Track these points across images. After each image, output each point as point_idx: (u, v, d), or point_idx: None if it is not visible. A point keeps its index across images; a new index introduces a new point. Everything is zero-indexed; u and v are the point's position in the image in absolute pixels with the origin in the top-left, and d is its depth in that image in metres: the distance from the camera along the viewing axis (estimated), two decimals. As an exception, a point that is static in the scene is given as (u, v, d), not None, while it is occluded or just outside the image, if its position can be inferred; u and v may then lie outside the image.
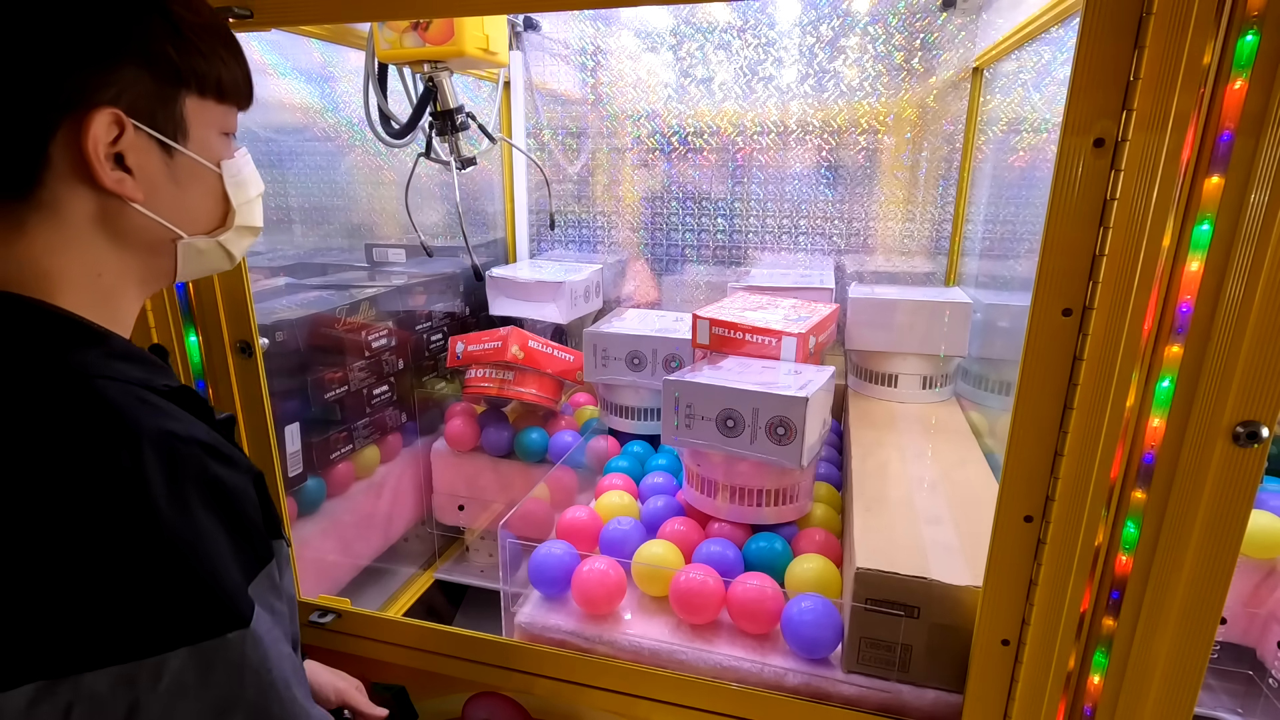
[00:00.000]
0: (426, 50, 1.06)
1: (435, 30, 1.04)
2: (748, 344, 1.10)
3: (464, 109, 1.20)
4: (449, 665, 0.95)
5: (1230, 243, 0.54)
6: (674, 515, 1.04)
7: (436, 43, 1.05)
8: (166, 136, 0.52)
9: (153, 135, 0.51)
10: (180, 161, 0.54)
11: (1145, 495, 0.61)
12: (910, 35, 1.35)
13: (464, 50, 1.06)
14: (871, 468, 1.03)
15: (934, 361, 1.27)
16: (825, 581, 0.88)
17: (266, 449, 0.95)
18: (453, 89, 1.17)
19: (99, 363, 0.49)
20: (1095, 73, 0.54)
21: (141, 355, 0.54)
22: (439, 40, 1.05)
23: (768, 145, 1.48)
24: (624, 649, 0.89)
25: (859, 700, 0.81)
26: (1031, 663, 0.68)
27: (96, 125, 0.48)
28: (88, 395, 0.45)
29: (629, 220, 1.63)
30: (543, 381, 1.38)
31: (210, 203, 0.58)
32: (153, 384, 0.50)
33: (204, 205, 0.57)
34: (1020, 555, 0.66)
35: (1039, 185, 0.94)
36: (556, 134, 1.62)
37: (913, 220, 1.46)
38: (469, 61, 1.11)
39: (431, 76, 1.13)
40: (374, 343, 1.31)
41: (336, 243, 1.39)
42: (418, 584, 1.45)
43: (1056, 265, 0.59)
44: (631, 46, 1.51)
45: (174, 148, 0.53)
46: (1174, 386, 0.58)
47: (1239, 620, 0.93)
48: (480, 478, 1.42)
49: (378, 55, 1.10)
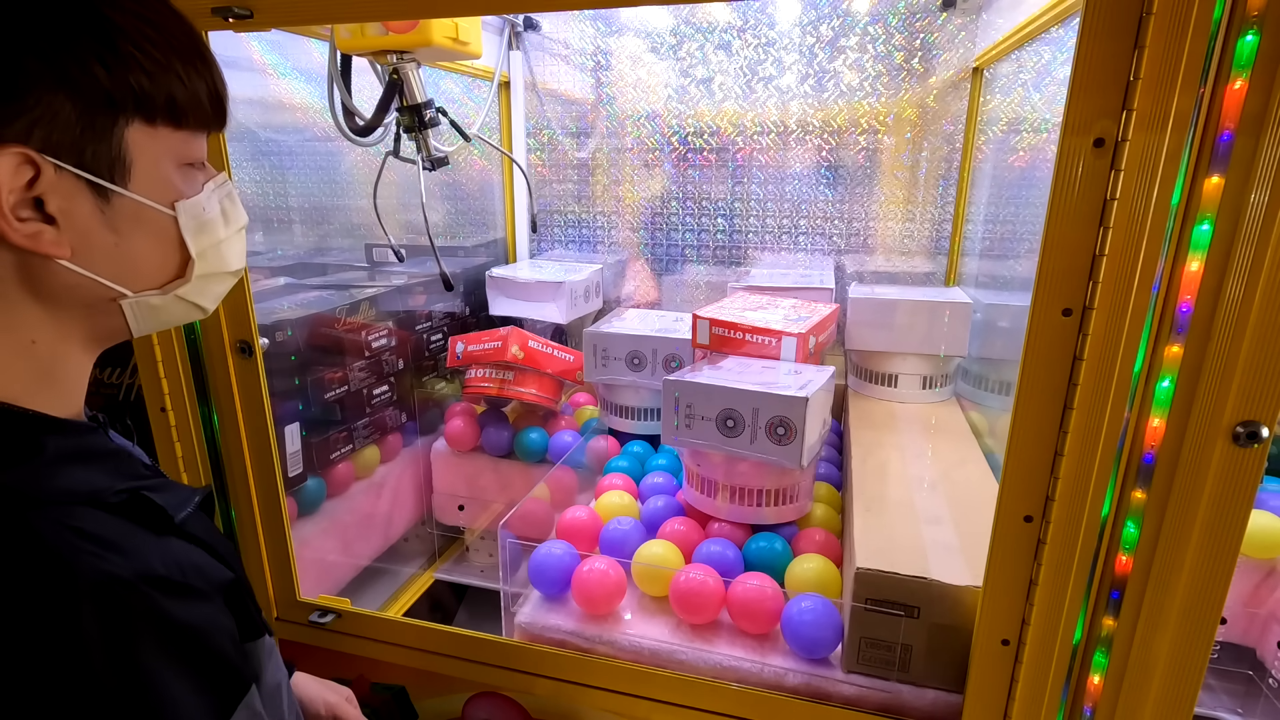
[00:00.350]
0: (390, 40, 0.98)
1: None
2: (748, 344, 1.10)
3: (433, 104, 1.10)
4: (449, 665, 0.95)
5: (1230, 243, 0.54)
6: (674, 515, 1.04)
7: (400, 31, 0.97)
8: (99, 176, 0.43)
9: (80, 175, 0.42)
10: (119, 205, 0.44)
11: (1145, 495, 0.61)
12: (910, 35, 1.35)
13: (431, 39, 0.97)
14: (871, 468, 1.03)
15: (934, 361, 1.27)
16: (825, 581, 0.88)
17: (266, 449, 0.95)
18: (420, 82, 1.07)
19: (32, 481, 0.41)
20: (1095, 73, 0.54)
21: (90, 450, 0.45)
22: (403, 29, 0.96)
23: (768, 145, 1.48)
24: (624, 649, 0.89)
25: (859, 700, 0.81)
26: (1031, 663, 0.68)
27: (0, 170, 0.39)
28: (16, 537, 0.38)
29: (629, 220, 1.63)
30: (543, 381, 1.38)
31: (162, 252, 0.48)
32: (100, 496, 0.42)
33: (153, 255, 0.47)
34: (1020, 555, 0.66)
35: (1039, 185, 0.94)
36: (556, 134, 1.62)
37: (913, 220, 1.46)
38: (437, 52, 1.03)
39: (396, 69, 1.04)
40: (374, 343, 1.31)
41: (336, 243, 1.39)
42: (418, 584, 1.45)
43: (1056, 265, 0.59)
44: (632, 47, 1.51)
45: (109, 189, 0.43)
46: (1174, 386, 0.58)
47: (1239, 620, 0.93)
48: (480, 478, 1.42)
49: (338, 46, 1.02)
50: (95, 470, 0.44)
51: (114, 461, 0.46)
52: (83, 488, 0.42)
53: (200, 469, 0.95)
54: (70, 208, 0.42)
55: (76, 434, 0.45)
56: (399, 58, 1.03)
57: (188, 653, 0.41)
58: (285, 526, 0.97)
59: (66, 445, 0.44)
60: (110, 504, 0.43)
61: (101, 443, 0.47)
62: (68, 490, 0.42)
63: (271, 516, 0.97)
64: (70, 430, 0.45)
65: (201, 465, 0.95)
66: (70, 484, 0.42)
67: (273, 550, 0.99)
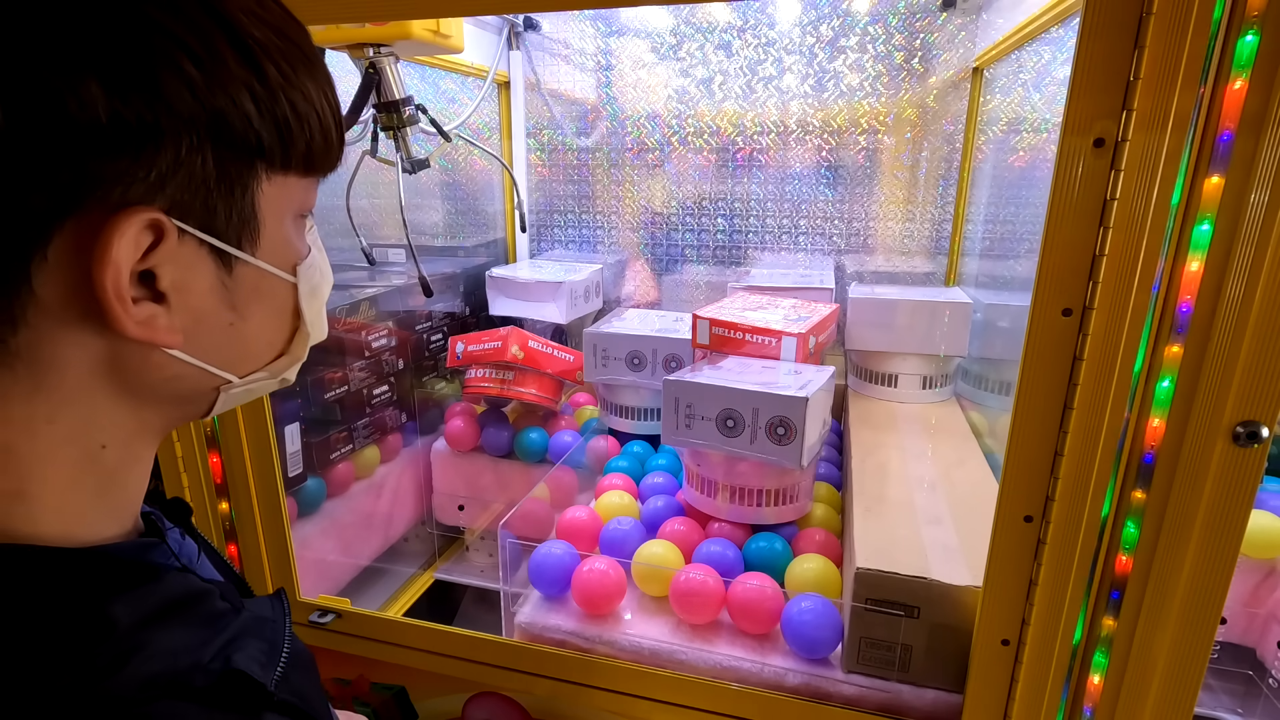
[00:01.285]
0: (367, 32, 0.92)
1: (374, 11, 0.99)
2: (748, 344, 1.10)
3: (413, 100, 1.05)
4: (449, 665, 0.95)
5: (1230, 243, 0.54)
6: (674, 515, 1.04)
7: (377, 23, 0.91)
8: (227, 241, 0.33)
9: (205, 241, 0.33)
10: (243, 276, 0.35)
11: (1145, 495, 0.61)
12: (910, 35, 1.35)
13: (409, 32, 0.93)
14: (871, 468, 1.03)
15: (934, 361, 1.27)
16: (825, 581, 0.88)
17: (266, 449, 0.95)
18: (399, 78, 1.01)
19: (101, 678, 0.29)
20: (1095, 73, 0.54)
21: (166, 602, 0.34)
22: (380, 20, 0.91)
23: (768, 145, 1.48)
24: (624, 649, 0.89)
25: (859, 700, 0.81)
26: (1031, 663, 0.68)
27: (120, 240, 0.29)
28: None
29: (629, 220, 1.63)
30: (543, 381, 1.38)
31: (276, 326, 0.39)
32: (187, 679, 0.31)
33: (265, 332, 0.39)
34: (1020, 555, 0.66)
35: (1039, 185, 0.94)
36: (556, 134, 1.62)
37: (913, 220, 1.46)
38: (416, 46, 0.98)
39: (373, 63, 0.97)
40: (374, 343, 1.31)
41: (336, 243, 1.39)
42: (418, 584, 1.45)
43: (1056, 265, 0.59)
44: (632, 47, 1.51)
45: (235, 258, 0.34)
46: (1174, 386, 0.58)
47: (1239, 620, 0.93)
48: (480, 478, 1.42)
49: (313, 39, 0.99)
50: (176, 632, 0.33)
51: (198, 608, 0.35)
52: (164, 671, 0.31)
53: (200, 469, 0.95)
54: (187, 281, 0.33)
55: (146, 581, 0.34)
56: (376, 51, 0.97)
57: None
58: (285, 526, 0.97)
59: (139, 610, 0.32)
60: (198, 688, 0.31)
61: (176, 588, 0.35)
62: (148, 680, 0.30)
63: (271, 516, 0.97)
64: (138, 575, 0.34)
65: (201, 465, 0.95)
66: (150, 669, 0.31)
67: (273, 550, 0.99)
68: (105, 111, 0.28)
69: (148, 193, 0.30)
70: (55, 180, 0.28)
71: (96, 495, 0.35)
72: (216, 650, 0.33)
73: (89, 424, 0.33)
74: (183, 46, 0.30)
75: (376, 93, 1.02)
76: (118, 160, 0.29)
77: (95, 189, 0.29)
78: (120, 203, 0.29)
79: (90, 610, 0.31)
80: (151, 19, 0.29)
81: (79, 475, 0.34)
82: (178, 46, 0.29)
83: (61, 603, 0.31)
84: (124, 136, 0.28)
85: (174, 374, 0.35)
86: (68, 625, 0.30)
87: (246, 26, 0.32)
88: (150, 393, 0.35)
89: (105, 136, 0.28)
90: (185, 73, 0.30)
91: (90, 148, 0.28)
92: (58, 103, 0.27)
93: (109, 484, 0.35)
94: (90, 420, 0.33)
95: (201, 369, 0.35)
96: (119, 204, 0.29)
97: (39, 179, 0.28)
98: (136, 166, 0.29)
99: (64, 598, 0.31)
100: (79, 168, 0.28)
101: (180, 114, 0.30)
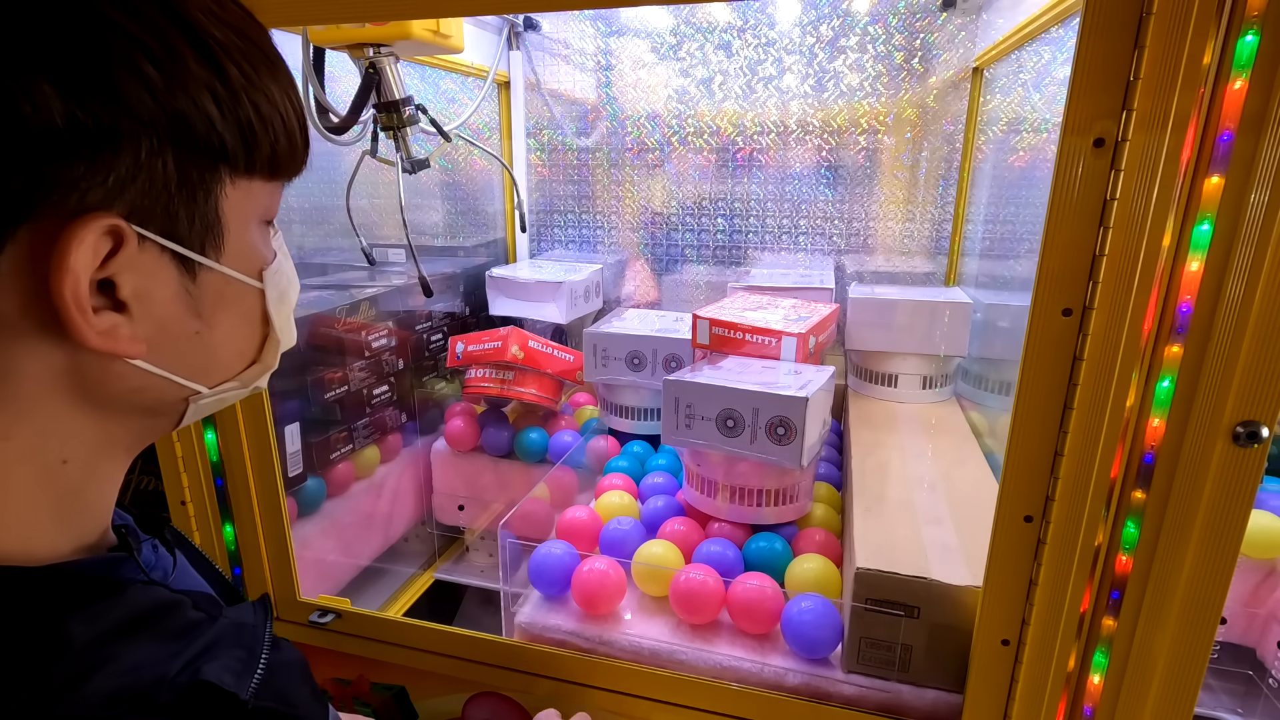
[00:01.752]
0: (367, 32, 0.94)
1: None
2: (748, 344, 1.10)
3: (413, 100, 1.06)
4: (449, 665, 0.95)
5: (1230, 243, 0.54)
6: (674, 515, 1.04)
7: (377, 23, 0.93)
8: (190, 248, 0.32)
9: (166, 248, 0.32)
10: (207, 283, 0.34)
11: (1145, 495, 0.61)
12: (910, 35, 1.35)
13: (409, 32, 0.94)
14: (871, 468, 1.03)
15: (934, 361, 1.27)
16: (825, 581, 0.88)
17: (266, 449, 0.95)
18: (399, 78, 1.03)
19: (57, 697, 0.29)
20: (1095, 73, 0.54)
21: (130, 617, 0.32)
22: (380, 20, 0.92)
23: (768, 145, 1.48)
24: (624, 649, 0.89)
25: (859, 700, 0.81)
26: (1031, 663, 0.68)
27: (78, 248, 0.28)
28: None
29: (629, 220, 1.63)
30: (543, 381, 1.38)
31: (245, 334, 0.38)
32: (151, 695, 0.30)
33: (234, 340, 0.38)
34: (1020, 555, 0.66)
35: (1039, 185, 0.94)
36: (556, 134, 1.62)
37: (913, 220, 1.46)
38: (416, 46, 1.00)
39: (373, 63, 0.98)
40: (374, 343, 1.31)
41: (336, 243, 1.39)
42: (418, 584, 1.45)
43: (1056, 265, 0.59)
44: (632, 47, 1.51)
45: (198, 264, 0.33)
46: (1174, 386, 0.58)
47: (1239, 620, 0.93)
48: (480, 478, 1.42)
49: (311, 39, 0.97)
50: (142, 646, 0.32)
51: (165, 621, 0.34)
52: (127, 687, 0.30)
53: (200, 469, 0.95)
54: (148, 290, 0.32)
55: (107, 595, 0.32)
56: (375, 51, 0.98)
57: None
58: (285, 526, 0.97)
59: (98, 626, 0.31)
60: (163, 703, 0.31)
61: (141, 602, 0.34)
62: (110, 697, 0.29)
63: (271, 516, 0.97)
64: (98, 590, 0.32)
65: (201, 465, 0.95)
66: (111, 686, 0.30)
67: (273, 550, 0.99)
68: (61, 115, 0.27)
69: (106, 198, 0.29)
70: (7, 186, 0.27)
71: (57, 512, 0.33)
72: (185, 662, 0.32)
73: (47, 438, 0.32)
74: (140, 46, 0.28)
75: (376, 93, 1.02)
76: (74, 165, 0.28)
77: (50, 194, 0.28)
78: (77, 209, 0.28)
79: (45, 628, 0.30)
80: (107, 18, 0.28)
81: (36, 492, 0.32)
82: (135, 46, 0.28)
83: (15, 622, 0.29)
84: (81, 140, 0.27)
85: (138, 385, 0.34)
86: (22, 644, 0.29)
87: (206, 26, 0.31)
88: (114, 404, 0.34)
89: (61, 140, 0.27)
90: (144, 73, 0.28)
91: (45, 152, 0.27)
92: (10, 106, 0.26)
93: (71, 501, 0.34)
94: (49, 434, 0.32)
95: (168, 379, 0.34)
96: (76, 210, 0.28)
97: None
98: (94, 171, 0.28)
99: (18, 617, 0.30)
100: (33, 173, 0.27)
101: (139, 116, 0.28)
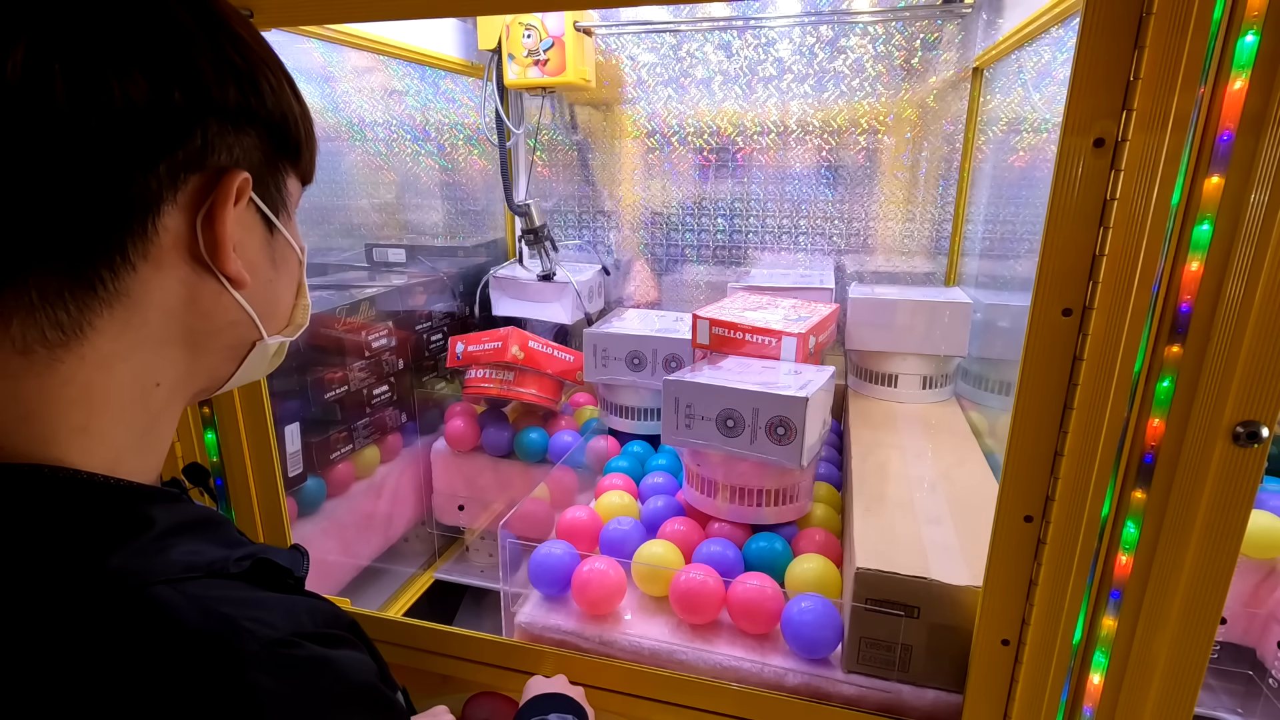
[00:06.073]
0: (545, 80, 1.40)
1: (551, 65, 1.39)
2: (748, 344, 1.10)
3: (546, 226, 1.51)
4: (449, 665, 0.95)
5: (1230, 243, 0.54)
6: (674, 515, 1.04)
7: (553, 74, 1.39)
8: (273, 211, 0.43)
9: (262, 209, 0.42)
10: (277, 242, 0.44)
11: (1145, 495, 0.61)
12: (910, 35, 1.35)
13: (570, 80, 1.40)
14: (871, 468, 1.03)
15: (934, 361, 1.27)
16: (825, 581, 0.88)
17: (266, 449, 0.94)
18: (541, 211, 1.51)
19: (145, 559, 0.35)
20: (1095, 73, 0.54)
21: (195, 519, 0.39)
22: (554, 73, 1.39)
23: (768, 145, 1.48)
24: (624, 649, 0.89)
25: (859, 700, 0.81)
26: (1031, 663, 0.68)
27: (230, 193, 0.38)
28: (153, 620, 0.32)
29: (629, 220, 1.63)
30: (543, 382, 1.38)
31: (290, 294, 0.47)
32: (221, 566, 0.37)
33: (286, 296, 0.47)
34: (1020, 555, 0.66)
35: (1039, 185, 0.94)
36: (557, 134, 1.62)
37: (913, 220, 1.46)
38: (573, 88, 1.47)
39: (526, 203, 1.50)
40: (374, 343, 1.31)
41: (336, 243, 1.39)
42: (418, 584, 1.45)
43: (1056, 265, 0.59)
44: (632, 47, 1.51)
45: (275, 227, 0.43)
46: (1174, 386, 0.58)
47: (1239, 620, 0.93)
48: (480, 478, 1.42)
49: (506, 84, 1.43)
50: (205, 541, 0.38)
51: (220, 530, 0.40)
52: (201, 560, 0.36)
53: (200, 469, 0.95)
54: (247, 241, 0.41)
55: (173, 499, 0.39)
56: (545, 91, 1.50)
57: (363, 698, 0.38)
58: (285, 526, 0.97)
59: (172, 515, 0.38)
60: (232, 574, 0.37)
61: (200, 511, 0.41)
62: (188, 564, 0.35)
63: (271, 516, 0.97)
64: (167, 496, 0.39)
65: (201, 464, 0.95)
66: (188, 558, 0.36)
67: (273, 550, 0.99)
68: (233, 98, 0.38)
69: (240, 160, 0.39)
70: (194, 141, 0.36)
71: (140, 434, 0.39)
72: (246, 554, 0.39)
73: (154, 362, 0.39)
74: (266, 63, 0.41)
75: (527, 220, 1.49)
76: (233, 133, 0.38)
77: (216, 152, 0.37)
78: (230, 163, 0.38)
79: (132, 510, 0.36)
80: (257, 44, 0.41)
81: (133, 412, 0.38)
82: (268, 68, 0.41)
83: (107, 506, 0.36)
84: (239, 115, 0.38)
85: (234, 319, 0.42)
86: (115, 520, 0.35)
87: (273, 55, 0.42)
88: (207, 339, 0.41)
89: (229, 114, 0.38)
90: (270, 82, 0.41)
91: (219, 120, 0.37)
92: (203, 89, 0.37)
93: (151, 426, 0.40)
94: (156, 358, 0.39)
95: (251, 318, 0.43)
96: (229, 164, 0.38)
97: (184, 137, 0.36)
98: (237, 139, 0.38)
99: (110, 503, 0.36)
100: (207, 135, 0.37)
101: (267, 106, 0.40)
